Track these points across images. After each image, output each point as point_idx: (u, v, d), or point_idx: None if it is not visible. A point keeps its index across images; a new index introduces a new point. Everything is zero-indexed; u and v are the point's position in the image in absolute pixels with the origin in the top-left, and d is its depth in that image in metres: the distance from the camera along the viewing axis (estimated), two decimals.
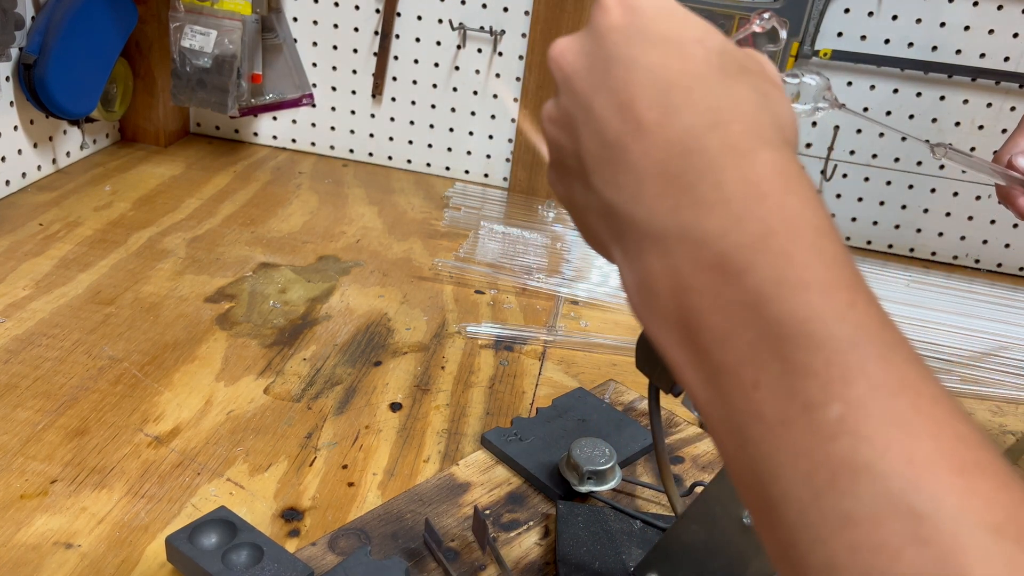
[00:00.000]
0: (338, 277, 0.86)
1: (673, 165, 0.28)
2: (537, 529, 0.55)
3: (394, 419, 0.65)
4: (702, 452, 0.64)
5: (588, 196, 0.31)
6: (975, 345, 0.86)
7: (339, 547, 0.52)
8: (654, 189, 0.28)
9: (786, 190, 0.27)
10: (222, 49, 1.02)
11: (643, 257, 0.28)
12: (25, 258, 0.82)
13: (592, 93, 0.30)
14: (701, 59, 0.29)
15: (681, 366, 0.27)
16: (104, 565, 0.50)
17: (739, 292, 0.25)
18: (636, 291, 0.29)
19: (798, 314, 0.24)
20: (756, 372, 0.25)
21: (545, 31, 1.03)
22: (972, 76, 1.00)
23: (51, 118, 0.96)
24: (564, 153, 0.33)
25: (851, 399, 0.23)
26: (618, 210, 0.29)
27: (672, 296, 0.27)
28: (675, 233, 0.27)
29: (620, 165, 0.29)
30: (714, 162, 0.27)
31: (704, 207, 0.27)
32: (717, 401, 0.26)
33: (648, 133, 0.28)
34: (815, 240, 0.26)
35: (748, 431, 0.25)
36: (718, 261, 0.26)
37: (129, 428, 0.61)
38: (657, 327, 0.28)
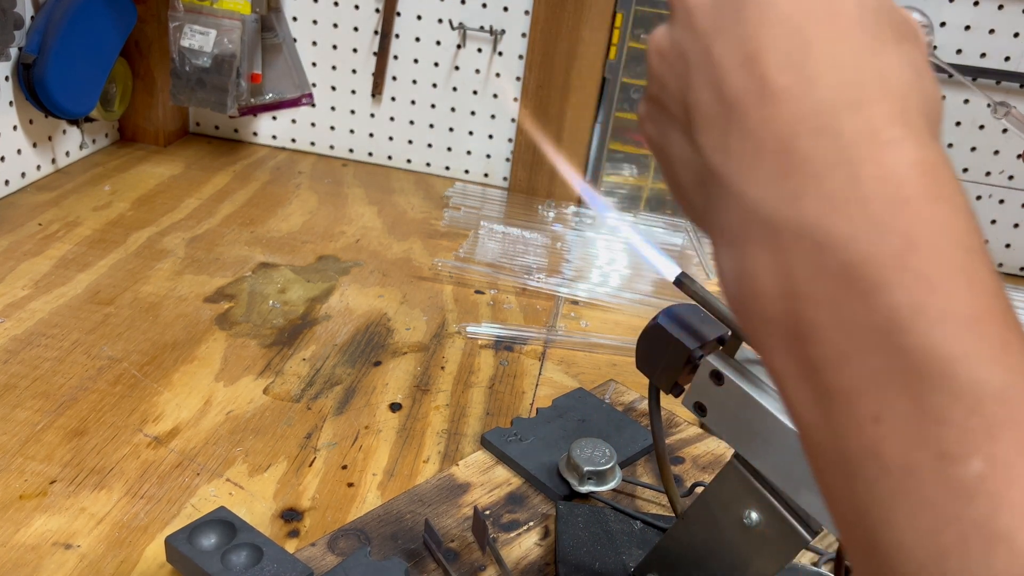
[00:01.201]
0: (338, 277, 0.86)
1: (801, 144, 0.23)
2: (537, 530, 0.55)
3: (394, 419, 0.65)
4: (702, 452, 0.64)
5: (687, 152, 0.27)
6: None
7: (339, 548, 0.51)
8: (773, 168, 0.24)
9: (934, 196, 0.22)
10: (221, 49, 1.02)
11: (748, 245, 0.24)
12: (24, 258, 0.81)
13: (715, 35, 0.26)
14: (852, 18, 0.25)
15: (783, 376, 0.24)
16: (103, 566, 0.50)
17: (867, 313, 0.22)
18: (735, 282, 0.25)
19: (939, 351, 0.21)
20: (878, 405, 0.21)
21: (545, 31, 1.03)
22: (973, 76, 1.00)
23: (50, 118, 0.96)
24: (668, 95, 0.28)
25: (996, 457, 0.20)
26: (723, 180, 0.25)
27: (781, 299, 0.23)
28: (793, 227, 0.23)
29: (735, 128, 0.25)
30: (851, 150, 0.23)
31: (833, 203, 0.22)
32: (824, 426, 0.23)
33: (775, 100, 0.24)
34: (965, 262, 0.22)
35: (860, 468, 0.22)
36: (844, 271, 0.22)
37: (128, 428, 0.61)
38: (757, 328, 0.24)
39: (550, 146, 1.09)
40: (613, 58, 1.02)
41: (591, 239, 0.99)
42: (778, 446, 0.38)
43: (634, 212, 1.08)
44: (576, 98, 1.05)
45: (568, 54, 1.03)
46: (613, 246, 0.98)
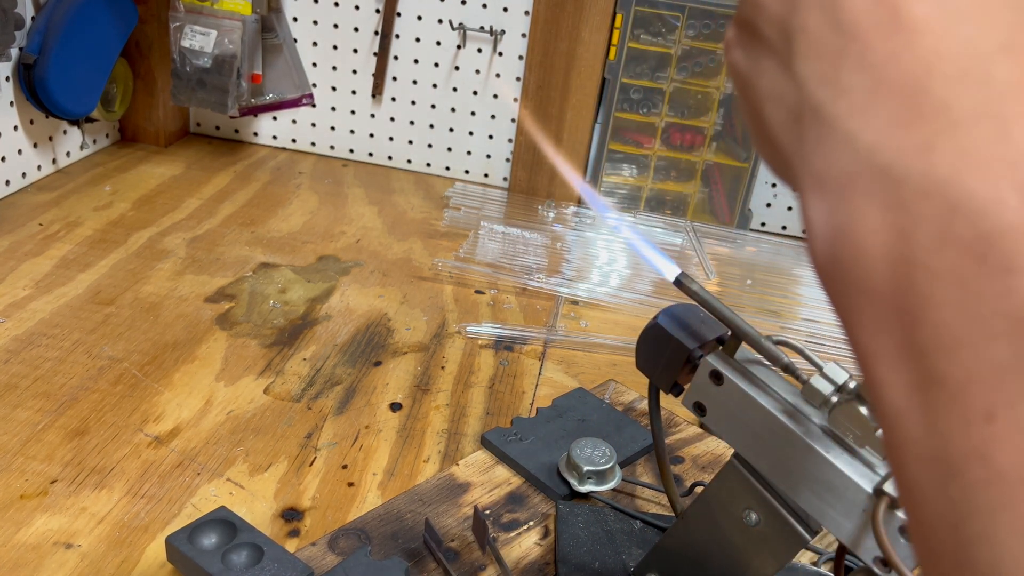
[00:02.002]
0: (338, 277, 0.86)
1: (937, 87, 0.20)
2: (537, 529, 0.55)
3: (394, 419, 0.65)
4: (702, 452, 0.64)
5: (783, 83, 0.24)
6: None
7: (339, 547, 0.52)
8: (899, 111, 0.20)
9: None
10: (222, 49, 1.02)
11: (856, 196, 0.21)
12: (25, 258, 0.82)
13: None
14: None
15: (875, 356, 0.21)
16: (104, 565, 0.50)
17: (1000, 294, 0.19)
18: (830, 237, 0.21)
19: None
20: (995, 403, 0.19)
21: (545, 31, 1.03)
22: None
23: (51, 118, 0.96)
24: (765, 17, 0.24)
25: None
26: (830, 117, 0.22)
27: (891, 266, 0.20)
28: (919, 182, 0.20)
29: (852, 60, 0.21)
30: (1002, 101, 0.19)
31: (974, 161, 0.19)
32: (921, 417, 0.20)
33: (911, 32, 0.20)
34: None
35: (962, 470, 0.19)
36: (979, 242, 0.19)
37: (129, 428, 0.61)
38: (850, 295, 0.21)
39: (550, 146, 1.09)
40: (613, 58, 1.02)
41: (591, 239, 0.99)
42: (778, 446, 0.38)
43: (634, 212, 1.08)
44: (576, 98, 1.05)
45: (568, 54, 1.03)
46: (613, 246, 0.98)
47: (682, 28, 1.00)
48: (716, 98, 1.03)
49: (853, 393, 0.37)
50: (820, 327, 0.86)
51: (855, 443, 0.37)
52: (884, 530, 0.34)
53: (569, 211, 1.06)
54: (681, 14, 0.99)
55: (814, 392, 0.38)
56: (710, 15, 0.99)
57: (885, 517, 0.35)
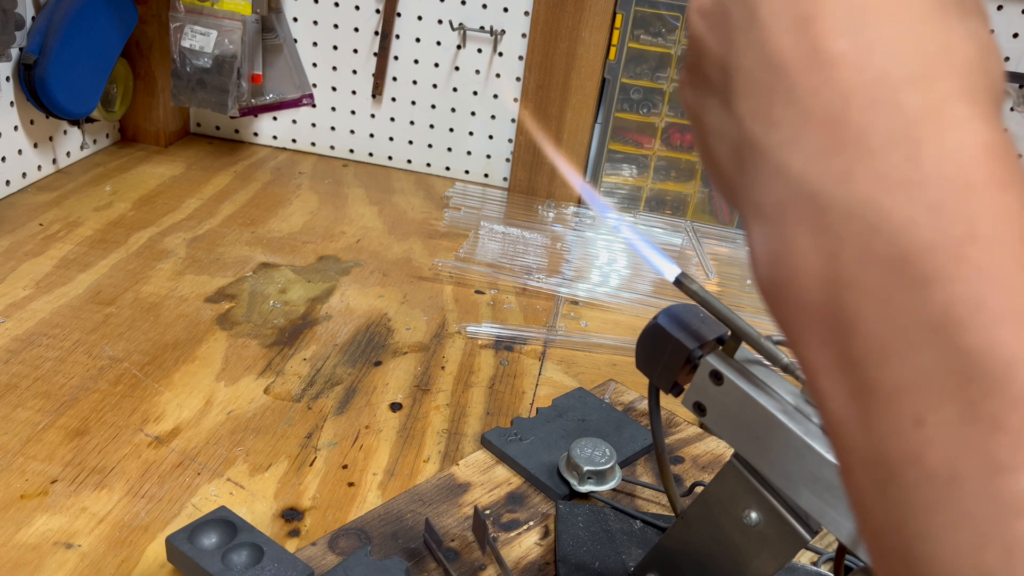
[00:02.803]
0: (338, 277, 0.86)
1: (855, 117, 0.21)
2: (537, 529, 0.55)
3: (394, 419, 0.65)
4: (702, 452, 0.64)
5: (725, 120, 0.25)
6: None
7: (339, 547, 0.52)
8: (822, 140, 0.22)
9: (1001, 183, 0.20)
10: (222, 49, 1.02)
11: (788, 223, 0.22)
12: (25, 258, 0.82)
13: None
14: None
15: (817, 368, 0.22)
16: (104, 565, 0.50)
17: (919, 305, 0.20)
18: (769, 262, 0.23)
19: (998, 352, 0.19)
20: (923, 407, 0.20)
21: (545, 31, 1.03)
22: None
23: (51, 118, 0.96)
24: (708, 58, 0.26)
25: None
26: (764, 151, 0.23)
27: (822, 285, 0.21)
28: (841, 207, 0.21)
29: (780, 96, 0.23)
30: (911, 128, 0.21)
31: (889, 184, 0.21)
32: (859, 424, 0.21)
33: (829, 67, 0.22)
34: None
35: (898, 472, 0.20)
36: (897, 259, 0.20)
37: (129, 428, 0.61)
38: (790, 313, 0.23)
39: (550, 146, 1.09)
40: (613, 59, 1.02)
41: (591, 239, 0.99)
42: (777, 446, 0.38)
43: (634, 212, 1.08)
44: (576, 98, 1.05)
45: (568, 54, 1.03)
46: (613, 246, 0.98)
47: (682, 28, 1.00)
48: None
49: None
50: None
51: None
52: None
53: (569, 211, 1.06)
54: (681, 14, 0.99)
55: None
56: None
57: None
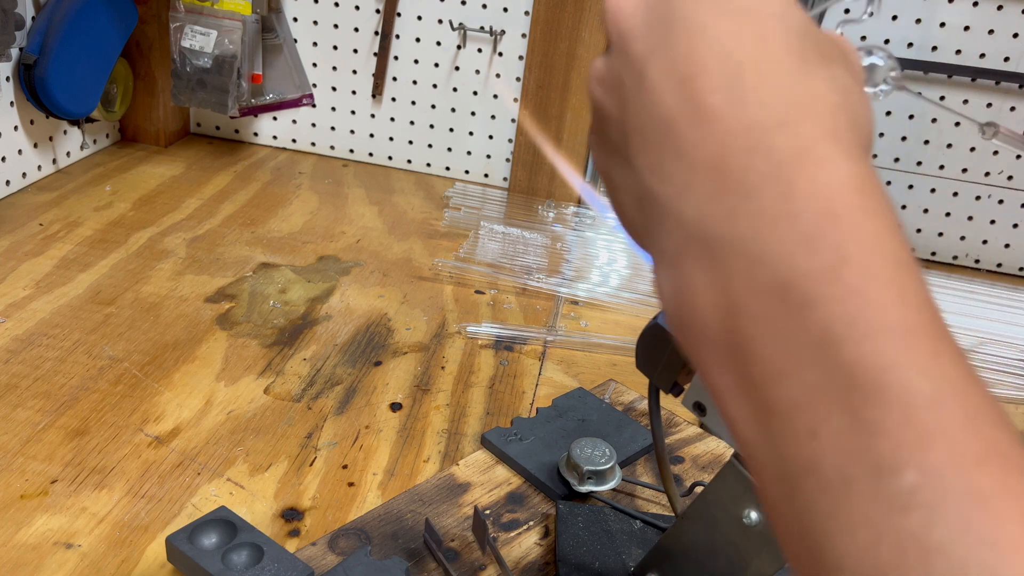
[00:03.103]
0: (338, 277, 0.86)
1: (735, 164, 0.24)
2: (537, 529, 0.55)
3: (394, 419, 0.65)
4: (702, 452, 0.64)
5: (628, 176, 0.28)
6: (973, 345, 0.86)
7: (339, 547, 0.52)
8: (708, 187, 0.24)
9: (865, 211, 0.23)
10: (222, 49, 1.02)
11: (686, 264, 0.25)
12: (25, 258, 0.82)
13: (649, 58, 0.26)
14: (779, 39, 0.25)
15: (723, 394, 0.24)
16: (104, 565, 0.50)
17: (803, 327, 0.22)
18: (673, 301, 0.25)
19: (873, 362, 0.21)
20: (815, 420, 0.21)
21: (545, 31, 1.03)
22: (972, 76, 1.00)
23: (51, 118, 0.96)
24: (608, 122, 0.28)
25: (928, 467, 0.20)
26: (661, 202, 0.25)
27: (719, 316, 0.24)
28: (729, 244, 0.23)
29: (670, 150, 0.25)
30: (781, 168, 0.23)
31: (767, 220, 0.23)
32: (765, 442, 0.23)
33: (709, 120, 0.24)
34: (896, 275, 0.22)
35: (800, 483, 0.22)
36: (780, 287, 0.22)
37: (129, 428, 0.61)
38: (696, 345, 0.25)
39: (550, 146, 1.09)
40: None
41: (591, 239, 0.99)
42: None
43: None
44: (576, 98, 1.05)
45: (568, 55, 1.03)
46: (613, 246, 0.98)
47: None
48: None
49: None
50: None
51: None
52: None
53: (569, 211, 1.06)
54: None
55: None
56: None
57: None
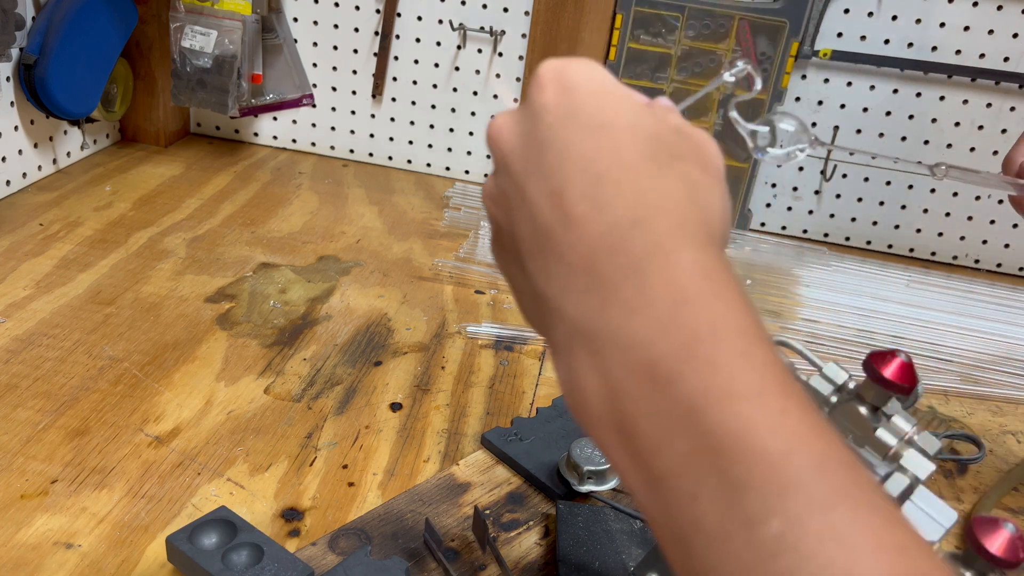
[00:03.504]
0: (338, 277, 0.86)
1: (600, 262, 0.27)
2: (537, 529, 0.55)
3: (394, 419, 0.65)
4: None
5: (524, 279, 0.30)
6: (975, 345, 0.86)
7: (339, 547, 0.52)
8: (582, 285, 0.27)
9: (711, 293, 0.26)
10: (222, 49, 1.02)
11: (572, 355, 0.28)
12: (25, 258, 0.82)
13: (526, 176, 0.30)
14: (631, 147, 0.29)
15: (620, 468, 0.27)
16: (104, 565, 0.50)
17: (671, 401, 0.25)
18: (567, 389, 0.28)
19: (730, 426, 0.24)
20: (694, 484, 0.24)
21: (545, 31, 1.03)
22: (972, 76, 1.00)
23: (51, 118, 0.96)
24: (502, 231, 0.32)
25: (790, 514, 0.23)
26: (549, 300, 0.29)
27: (605, 399, 0.26)
28: (604, 335, 0.26)
29: (551, 255, 0.28)
30: (639, 262, 0.26)
31: (631, 310, 0.26)
32: (659, 509, 0.25)
33: (577, 226, 0.28)
34: (743, 346, 0.25)
35: (691, 541, 0.24)
36: (648, 368, 0.25)
37: (129, 428, 0.61)
38: (592, 427, 0.27)
39: None
40: (613, 59, 1.02)
41: None
42: None
43: None
44: None
45: (568, 55, 1.03)
46: None
47: (682, 28, 1.00)
48: (716, 99, 1.03)
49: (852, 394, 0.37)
50: (820, 328, 0.86)
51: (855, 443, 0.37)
52: None
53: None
54: (681, 14, 0.99)
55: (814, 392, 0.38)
56: (710, 15, 0.99)
57: None
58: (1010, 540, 0.34)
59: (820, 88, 1.04)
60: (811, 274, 0.98)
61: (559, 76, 0.31)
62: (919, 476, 0.35)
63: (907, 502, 0.36)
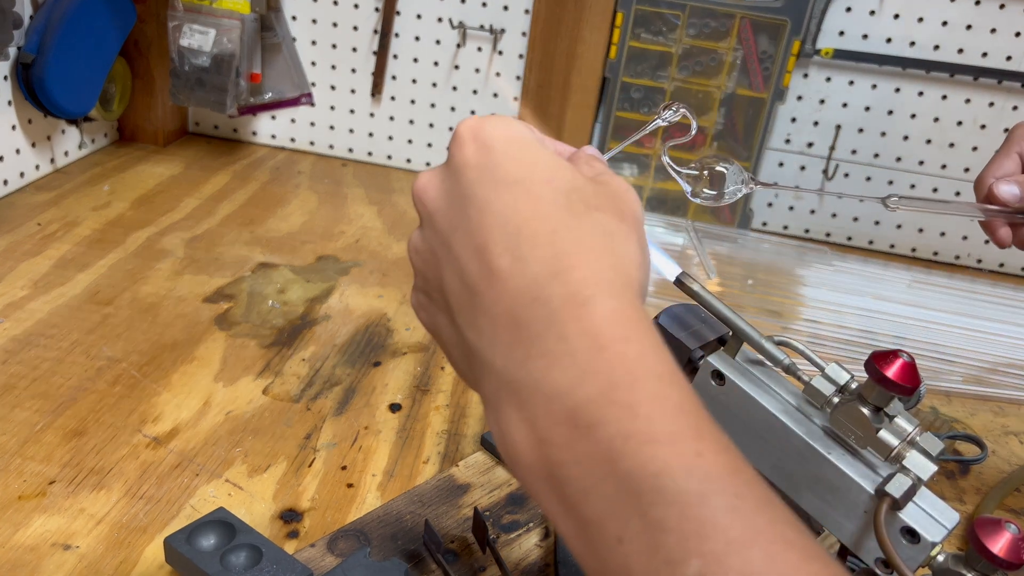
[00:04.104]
0: (337, 277, 0.86)
1: (523, 314, 0.28)
2: (537, 530, 0.55)
3: (393, 420, 0.65)
4: None
5: (453, 333, 0.31)
6: (977, 346, 0.86)
7: (338, 548, 0.51)
8: (508, 338, 0.28)
9: (625, 339, 0.27)
10: (221, 48, 1.01)
11: (501, 406, 0.28)
12: (23, 258, 0.81)
13: (451, 232, 0.30)
14: (549, 200, 0.29)
15: (552, 516, 0.27)
16: (102, 566, 0.50)
17: (593, 447, 0.25)
18: (500, 442, 0.29)
19: (648, 469, 0.24)
20: (619, 527, 0.25)
21: (545, 30, 1.03)
22: (974, 75, 1.00)
23: (49, 117, 0.95)
24: (430, 286, 0.32)
25: (707, 554, 0.23)
26: (478, 353, 0.29)
27: (533, 448, 0.27)
28: (528, 385, 0.27)
29: (478, 309, 0.29)
30: (557, 313, 0.27)
31: (551, 360, 0.27)
32: (590, 553, 0.26)
33: (500, 280, 0.28)
34: (657, 389, 0.26)
35: None
36: (570, 415, 0.26)
37: (127, 429, 0.61)
38: (524, 478, 0.28)
39: None
40: (613, 57, 1.02)
41: None
42: (779, 446, 0.38)
43: None
44: (576, 98, 1.05)
45: (568, 53, 1.03)
46: None
47: (683, 27, 0.99)
48: (717, 97, 1.02)
49: (854, 394, 0.37)
50: (822, 328, 0.86)
51: (856, 444, 0.36)
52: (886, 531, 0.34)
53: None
54: (682, 13, 0.99)
55: (815, 393, 0.38)
56: (711, 14, 0.99)
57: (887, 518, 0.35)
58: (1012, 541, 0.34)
59: (822, 87, 1.04)
60: (813, 274, 0.98)
61: (477, 133, 0.31)
62: (921, 477, 0.35)
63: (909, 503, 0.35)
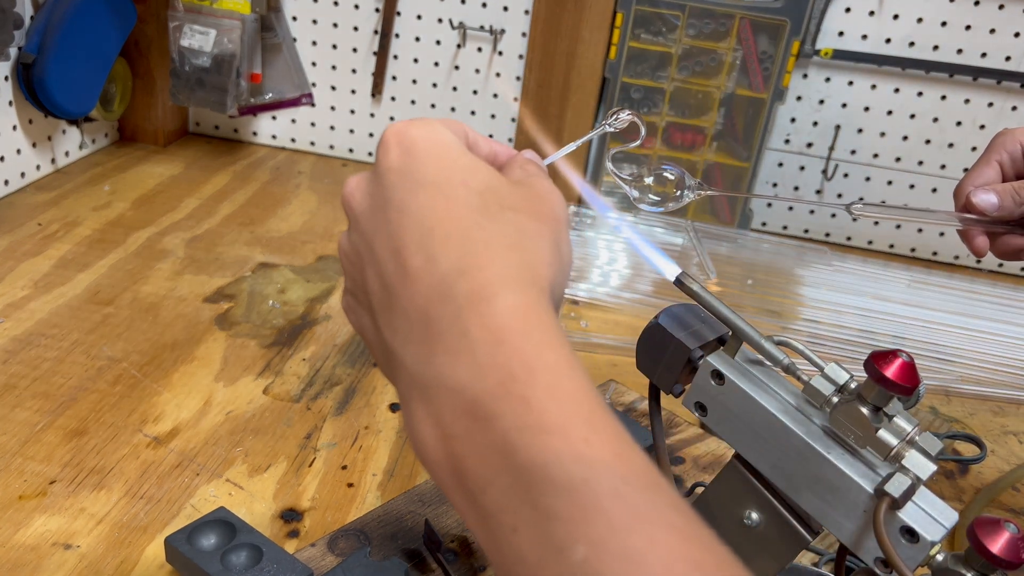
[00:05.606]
0: (337, 277, 0.86)
1: (432, 312, 0.28)
2: None
3: (394, 419, 0.65)
4: (702, 453, 0.64)
5: (375, 332, 0.32)
6: (976, 346, 0.86)
7: (338, 548, 0.51)
8: (418, 336, 0.29)
9: (523, 334, 0.28)
10: (221, 48, 1.01)
11: (411, 403, 0.29)
12: (24, 258, 0.81)
13: (373, 235, 0.31)
14: (462, 201, 0.30)
15: (459, 509, 0.28)
16: (103, 566, 0.50)
17: (491, 439, 0.26)
18: (410, 436, 0.29)
19: (540, 458, 0.25)
20: (514, 517, 0.26)
21: (545, 30, 1.03)
22: (973, 75, 1.00)
23: (50, 118, 0.95)
24: (356, 287, 0.33)
25: (592, 539, 0.24)
26: (393, 352, 0.30)
27: (439, 442, 0.28)
28: (434, 381, 0.28)
29: (395, 309, 0.30)
30: (461, 309, 0.28)
31: (454, 355, 0.28)
32: (491, 545, 0.27)
33: (413, 279, 0.29)
34: (551, 381, 0.27)
35: (517, 573, 0.26)
36: (470, 408, 0.27)
37: (128, 428, 0.61)
38: (434, 473, 0.29)
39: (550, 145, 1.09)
40: (613, 58, 1.02)
41: (591, 239, 0.99)
42: (779, 446, 0.38)
43: (634, 212, 1.08)
44: (576, 98, 1.05)
45: (568, 54, 1.03)
46: (613, 246, 0.98)
47: (683, 27, 1.00)
48: (717, 98, 1.02)
49: (854, 394, 0.37)
50: (821, 327, 0.86)
51: (856, 444, 0.36)
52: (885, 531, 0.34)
53: (569, 211, 1.05)
54: (682, 13, 0.99)
55: (815, 392, 0.38)
56: (711, 14, 0.99)
57: (886, 518, 0.35)
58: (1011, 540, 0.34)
59: (821, 87, 1.04)
60: (812, 274, 0.98)
61: (401, 138, 0.32)
62: (920, 476, 0.35)
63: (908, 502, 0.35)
